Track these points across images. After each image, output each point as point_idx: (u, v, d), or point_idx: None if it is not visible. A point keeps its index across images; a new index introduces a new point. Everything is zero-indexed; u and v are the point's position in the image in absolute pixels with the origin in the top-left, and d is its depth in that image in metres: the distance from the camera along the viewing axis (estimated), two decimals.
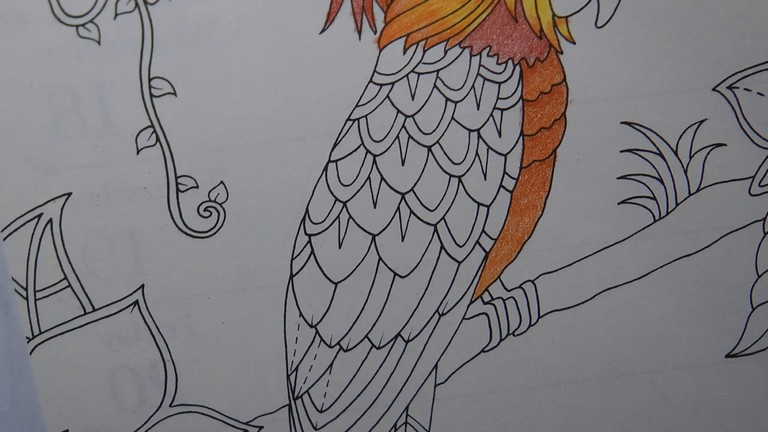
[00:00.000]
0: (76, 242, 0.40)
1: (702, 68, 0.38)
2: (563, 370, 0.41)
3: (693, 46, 0.39)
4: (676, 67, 0.39)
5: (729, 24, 0.39)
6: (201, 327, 0.41)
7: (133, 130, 0.39)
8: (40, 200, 0.39)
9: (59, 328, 0.40)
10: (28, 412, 0.41)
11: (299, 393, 0.42)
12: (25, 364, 0.40)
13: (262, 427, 0.42)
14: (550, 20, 0.39)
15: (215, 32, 0.38)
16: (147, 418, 0.41)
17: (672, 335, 0.41)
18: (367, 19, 0.39)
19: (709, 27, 0.39)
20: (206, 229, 0.40)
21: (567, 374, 0.41)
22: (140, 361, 0.41)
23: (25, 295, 0.40)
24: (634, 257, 0.41)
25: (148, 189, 0.39)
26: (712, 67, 0.39)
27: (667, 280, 0.41)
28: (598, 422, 0.41)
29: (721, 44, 0.39)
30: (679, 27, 0.39)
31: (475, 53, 0.39)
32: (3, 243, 0.40)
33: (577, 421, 0.41)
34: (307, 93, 0.39)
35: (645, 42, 0.39)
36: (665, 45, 0.39)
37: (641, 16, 0.39)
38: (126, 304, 0.40)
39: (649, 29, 0.39)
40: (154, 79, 0.39)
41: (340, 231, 0.41)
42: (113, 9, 0.38)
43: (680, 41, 0.39)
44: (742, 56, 0.39)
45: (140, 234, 0.40)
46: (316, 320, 0.41)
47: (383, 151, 0.40)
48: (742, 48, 0.39)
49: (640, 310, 0.41)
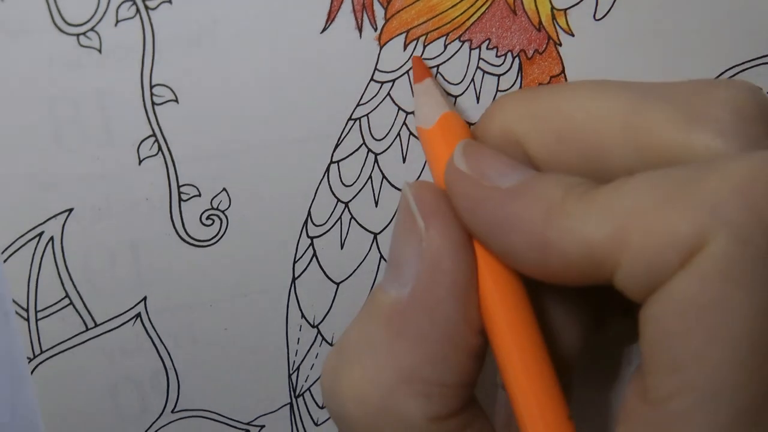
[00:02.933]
0: (77, 258, 0.39)
1: (701, 61, 0.39)
2: None
3: (692, 39, 0.40)
4: (675, 59, 0.40)
5: (728, 17, 0.40)
6: (203, 335, 0.41)
7: (134, 140, 0.38)
8: (41, 218, 0.38)
9: (60, 346, 0.39)
10: (29, 422, 0.40)
11: (301, 391, 0.42)
12: (26, 375, 0.39)
13: (263, 426, 0.42)
14: (548, 13, 0.40)
15: (216, 35, 0.37)
16: (148, 425, 0.41)
17: None
18: (367, 17, 0.38)
19: (708, 20, 0.40)
20: (209, 238, 0.40)
21: None
22: (142, 372, 0.40)
23: (26, 316, 0.38)
24: None
25: (150, 200, 0.39)
26: (711, 60, 0.40)
27: None
28: None
29: (720, 37, 0.40)
30: (677, 20, 0.40)
31: (475, 47, 0.40)
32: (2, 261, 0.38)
33: None
34: (309, 94, 0.39)
35: (643, 35, 0.40)
36: (664, 38, 0.40)
37: (640, 9, 0.40)
38: (128, 317, 0.40)
39: (647, 22, 0.40)
40: (155, 86, 0.37)
41: (342, 231, 0.41)
42: (114, 16, 0.36)
43: (679, 34, 0.40)
44: (741, 49, 0.41)
45: (142, 246, 0.39)
46: (318, 320, 0.41)
47: (385, 149, 0.40)
48: (741, 41, 0.40)
49: None
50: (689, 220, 0.28)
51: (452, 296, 0.33)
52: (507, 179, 0.33)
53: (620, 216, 0.29)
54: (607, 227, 0.29)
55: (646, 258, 0.29)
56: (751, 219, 0.28)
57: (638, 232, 0.29)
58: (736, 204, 0.28)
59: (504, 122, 0.36)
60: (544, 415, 0.32)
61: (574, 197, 0.31)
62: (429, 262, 0.33)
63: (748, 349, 0.28)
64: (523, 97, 0.36)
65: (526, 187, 0.32)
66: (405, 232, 0.34)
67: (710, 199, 0.28)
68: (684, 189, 0.29)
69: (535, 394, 0.33)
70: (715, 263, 0.28)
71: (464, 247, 0.33)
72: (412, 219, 0.34)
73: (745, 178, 0.28)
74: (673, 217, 0.28)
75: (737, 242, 0.28)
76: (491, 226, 0.32)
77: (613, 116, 0.33)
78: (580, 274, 0.30)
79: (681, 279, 0.28)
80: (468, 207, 0.33)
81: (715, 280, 0.28)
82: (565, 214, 0.30)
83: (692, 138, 0.32)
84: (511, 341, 0.33)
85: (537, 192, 0.31)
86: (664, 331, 0.29)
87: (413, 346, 0.33)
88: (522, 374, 0.33)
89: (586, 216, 0.30)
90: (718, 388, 0.28)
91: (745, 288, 0.28)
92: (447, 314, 0.33)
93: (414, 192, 0.34)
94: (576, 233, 0.30)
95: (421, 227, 0.33)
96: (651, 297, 0.29)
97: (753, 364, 0.28)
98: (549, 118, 0.35)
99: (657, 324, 0.29)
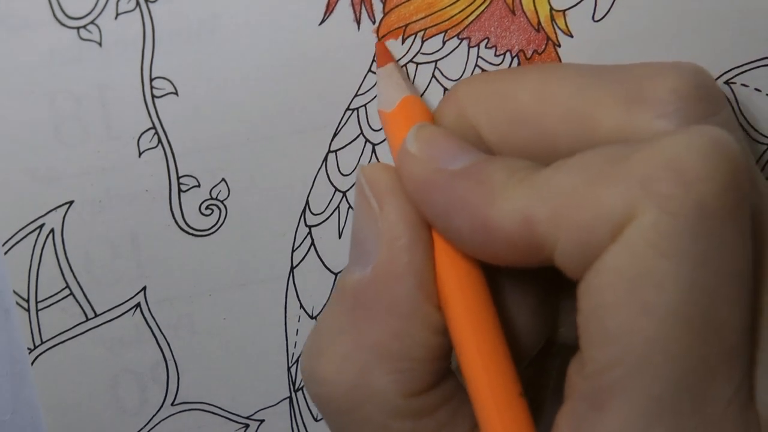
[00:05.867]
0: (77, 250, 0.39)
1: (699, 63, 0.39)
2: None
3: (690, 41, 0.41)
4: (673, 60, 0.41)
5: (727, 19, 0.41)
6: (202, 325, 0.41)
7: (135, 133, 0.38)
8: (42, 210, 0.38)
9: (60, 336, 0.40)
10: (30, 420, 0.40)
11: (300, 385, 0.43)
12: (26, 372, 0.40)
13: (263, 420, 0.43)
14: (547, 13, 0.40)
15: (216, 27, 0.38)
16: (149, 418, 0.42)
17: None
18: (365, 9, 0.39)
19: (707, 22, 0.41)
20: (208, 227, 0.40)
21: None
22: (142, 363, 0.41)
23: (26, 307, 0.39)
24: None
25: (150, 191, 0.39)
26: (710, 62, 0.41)
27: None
28: None
29: (719, 39, 0.41)
30: (676, 21, 0.40)
31: (473, 45, 0.40)
32: (3, 254, 0.38)
33: None
34: (307, 85, 0.39)
35: (642, 36, 0.41)
36: (662, 39, 0.41)
37: (639, 10, 0.40)
38: (128, 307, 0.40)
39: (646, 23, 0.40)
40: (155, 79, 0.38)
41: (340, 221, 0.41)
42: (114, 8, 0.37)
43: (677, 36, 0.41)
44: (739, 52, 0.41)
45: (142, 237, 0.40)
46: (317, 311, 0.42)
47: (382, 139, 0.41)
48: (739, 43, 0.41)
49: None
50: (619, 193, 0.29)
51: (410, 273, 0.34)
52: (456, 162, 0.34)
53: (556, 195, 0.30)
54: (544, 207, 0.30)
55: (578, 234, 0.30)
56: (679, 191, 0.28)
57: (571, 209, 0.30)
58: (665, 177, 0.29)
59: (459, 106, 0.37)
60: (495, 392, 0.33)
61: (516, 180, 0.32)
62: (386, 240, 0.34)
63: (677, 320, 0.29)
64: (478, 81, 0.37)
65: (473, 171, 0.33)
66: (362, 214, 0.35)
67: (640, 173, 0.29)
68: (615, 164, 0.30)
69: (487, 370, 0.33)
70: (643, 235, 0.29)
71: (419, 223, 0.34)
72: (367, 201, 0.34)
73: (675, 151, 0.29)
74: (603, 191, 0.29)
75: (666, 214, 0.28)
76: (438, 208, 0.33)
77: (557, 99, 0.34)
78: (524, 256, 0.31)
79: (612, 252, 0.29)
80: (416, 189, 0.34)
81: (645, 252, 0.29)
82: (506, 197, 0.31)
83: (633, 119, 0.33)
84: (464, 318, 0.34)
85: (482, 175, 0.32)
86: (596, 305, 0.30)
87: (378, 324, 0.34)
88: (473, 349, 0.34)
89: (526, 198, 0.31)
90: (648, 360, 0.29)
91: (674, 259, 0.28)
92: (407, 290, 0.34)
93: (367, 174, 0.35)
94: (516, 215, 0.31)
95: (375, 208, 0.34)
96: (586, 272, 0.30)
97: (682, 335, 0.29)
98: (500, 102, 0.36)
99: (590, 297, 0.30)
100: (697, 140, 0.29)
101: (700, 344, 0.29)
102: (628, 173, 0.29)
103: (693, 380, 0.29)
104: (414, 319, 0.34)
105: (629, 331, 0.29)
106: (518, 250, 0.31)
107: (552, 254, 0.31)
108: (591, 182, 0.30)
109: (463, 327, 0.34)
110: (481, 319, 0.34)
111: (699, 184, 0.29)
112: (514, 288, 0.37)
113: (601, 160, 0.30)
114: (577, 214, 0.30)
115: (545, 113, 0.34)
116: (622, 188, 0.29)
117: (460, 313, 0.34)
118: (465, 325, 0.34)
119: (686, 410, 0.29)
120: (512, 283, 0.37)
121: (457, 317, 0.34)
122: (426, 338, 0.34)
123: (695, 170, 0.29)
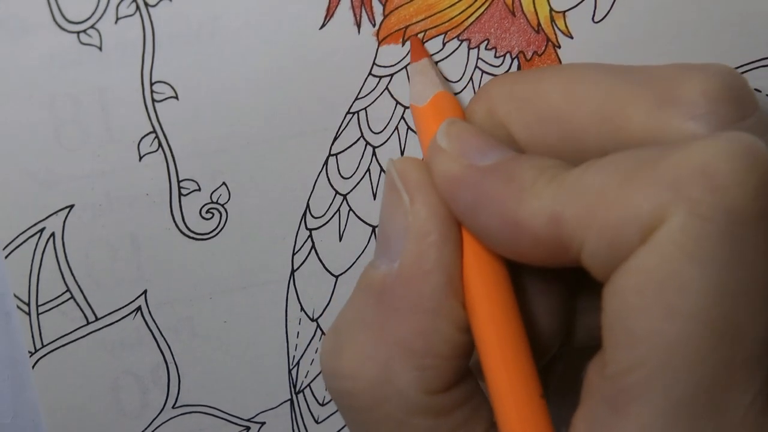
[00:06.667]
0: (78, 254, 0.39)
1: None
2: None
3: (690, 42, 0.41)
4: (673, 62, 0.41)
5: (727, 20, 0.41)
6: (203, 328, 0.41)
7: (135, 136, 0.39)
8: (42, 214, 0.39)
9: (61, 340, 0.40)
10: (31, 423, 0.40)
11: (301, 387, 0.43)
12: (27, 375, 0.40)
13: (264, 423, 0.43)
14: (547, 15, 0.40)
15: (216, 31, 0.38)
16: (150, 421, 0.42)
17: None
18: (366, 13, 0.39)
19: (707, 23, 0.41)
20: (208, 231, 0.40)
21: None
22: (143, 366, 0.41)
23: (27, 311, 0.39)
24: None
25: (150, 195, 0.39)
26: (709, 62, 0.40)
27: None
28: None
29: (719, 40, 0.41)
30: (676, 22, 0.40)
31: (473, 46, 0.40)
32: (3, 258, 0.38)
33: None
34: (308, 89, 0.39)
35: (642, 37, 0.41)
36: (662, 40, 0.41)
37: (639, 11, 0.40)
38: (129, 310, 0.40)
39: (646, 24, 0.40)
40: (156, 83, 0.38)
41: (341, 224, 0.41)
42: (114, 13, 0.37)
43: (677, 37, 0.41)
44: (739, 52, 0.41)
45: (143, 241, 0.40)
46: (317, 314, 0.42)
47: (382, 142, 0.41)
48: (739, 44, 0.41)
49: None
50: (650, 196, 0.29)
51: (438, 268, 0.34)
52: (486, 158, 0.34)
53: (585, 195, 0.30)
54: (574, 207, 0.31)
55: (607, 235, 0.30)
56: (710, 196, 0.29)
57: (601, 210, 0.30)
58: (696, 181, 0.29)
59: (490, 104, 0.37)
60: (515, 391, 0.33)
61: (546, 179, 0.32)
62: (415, 235, 0.34)
63: (703, 325, 0.29)
64: (508, 80, 0.37)
65: (502, 168, 0.33)
66: (391, 207, 0.35)
67: (671, 176, 0.29)
68: (647, 167, 0.30)
69: (508, 369, 0.33)
70: (673, 238, 0.29)
71: (449, 219, 0.34)
72: (398, 194, 0.35)
73: (707, 157, 0.29)
74: (633, 193, 0.30)
75: (696, 218, 0.28)
76: (466, 204, 0.33)
77: (588, 99, 0.34)
78: (551, 255, 0.32)
79: (640, 254, 0.29)
80: (445, 184, 0.34)
81: (673, 256, 0.29)
82: (536, 195, 0.31)
83: (664, 121, 0.33)
84: (489, 317, 0.34)
85: (511, 172, 0.33)
86: (622, 306, 0.30)
87: (404, 319, 0.34)
88: (496, 348, 0.34)
89: (555, 197, 0.31)
90: (672, 364, 0.29)
91: (703, 264, 0.28)
92: (434, 286, 0.34)
93: (398, 167, 0.35)
94: (544, 213, 0.31)
95: (406, 201, 0.34)
96: (613, 274, 0.30)
97: (707, 340, 0.29)
98: (530, 101, 0.36)
99: (616, 299, 0.30)
100: (728, 146, 0.29)
101: (722, 349, 0.29)
102: (659, 176, 0.29)
103: (713, 385, 0.29)
104: (440, 316, 0.34)
105: (654, 334, 0.29)
106: (545, 248, 0.31)
107: (579, 254, 0.31)
108: (621, 184, 0.30)
109: (487, 325, 0.34)
110: (505, 319, 0.34)
111: (729, 189, 0.29)
112: (536, 288, 0.37)
113: (632, 162, 0.30)
114: (607, 215, 0.30)
115: (575, 113, 0.35)
116: (653, 191, 0.29)
117: (486, 311, 0.34)
118: (489, 324, 0.34)
119: (705, 415, 0.29)
120: (534, 284, 0.37)
121: (482, 315, 0.34)
122: (451, 335, 0.34)
123: (726, 176, 0.29)
